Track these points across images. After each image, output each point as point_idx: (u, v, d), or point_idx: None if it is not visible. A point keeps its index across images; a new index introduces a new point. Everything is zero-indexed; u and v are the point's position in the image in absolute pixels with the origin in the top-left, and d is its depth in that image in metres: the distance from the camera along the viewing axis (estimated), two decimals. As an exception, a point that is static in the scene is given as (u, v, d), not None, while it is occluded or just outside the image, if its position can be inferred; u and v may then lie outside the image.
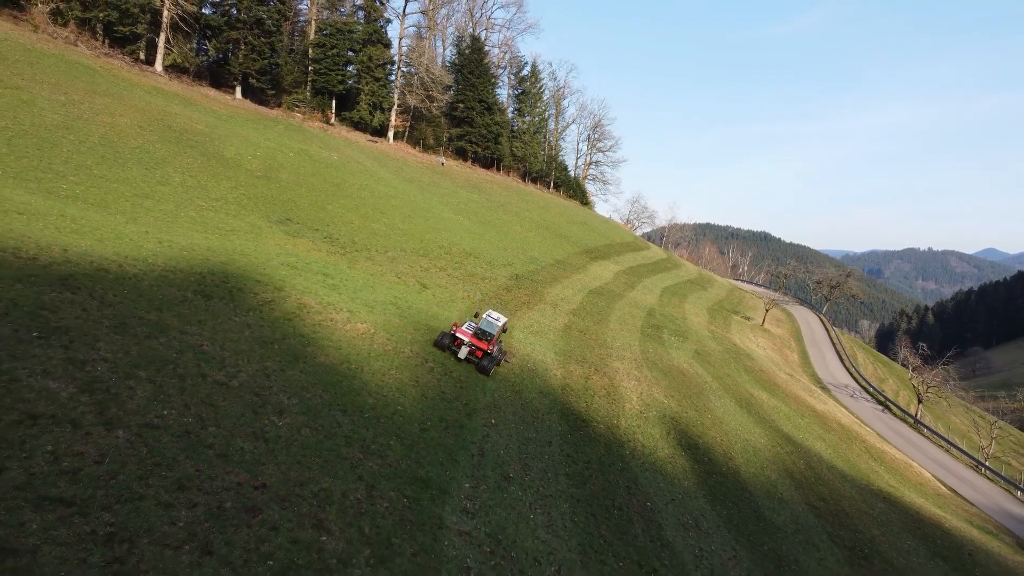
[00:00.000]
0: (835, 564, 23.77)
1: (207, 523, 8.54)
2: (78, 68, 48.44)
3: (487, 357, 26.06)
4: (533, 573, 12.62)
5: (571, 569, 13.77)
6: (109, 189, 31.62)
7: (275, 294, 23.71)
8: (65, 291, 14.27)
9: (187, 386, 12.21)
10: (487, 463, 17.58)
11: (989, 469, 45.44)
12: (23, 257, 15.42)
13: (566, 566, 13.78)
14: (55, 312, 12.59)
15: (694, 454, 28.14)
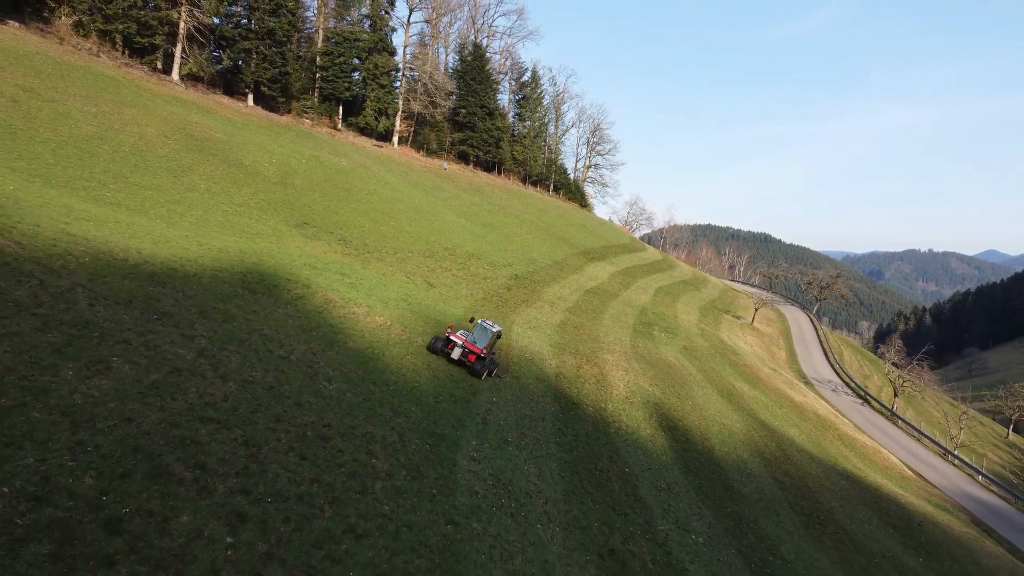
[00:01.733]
0: (791, 526, 27.79)
1: (299, 442, 12.56)
2: (104, 80, 52.49)
3: (480, 361, 27.19)
4: (525, 502, 16.66)
5: (556, 504, 17.83)
6: (145, 196, 35.60)
7: (304, 291, 27.73)
8: (156, 286, 18.32)
9: (261, 357, 16.25)
10: (489, 429, 21.62)
11: (955, 456, 49.50)
12: (118, 258, 19.45)
13: (552, 501, 17.84)
14: (158, 301, 16.62)
15: (673, 434, 32.15)
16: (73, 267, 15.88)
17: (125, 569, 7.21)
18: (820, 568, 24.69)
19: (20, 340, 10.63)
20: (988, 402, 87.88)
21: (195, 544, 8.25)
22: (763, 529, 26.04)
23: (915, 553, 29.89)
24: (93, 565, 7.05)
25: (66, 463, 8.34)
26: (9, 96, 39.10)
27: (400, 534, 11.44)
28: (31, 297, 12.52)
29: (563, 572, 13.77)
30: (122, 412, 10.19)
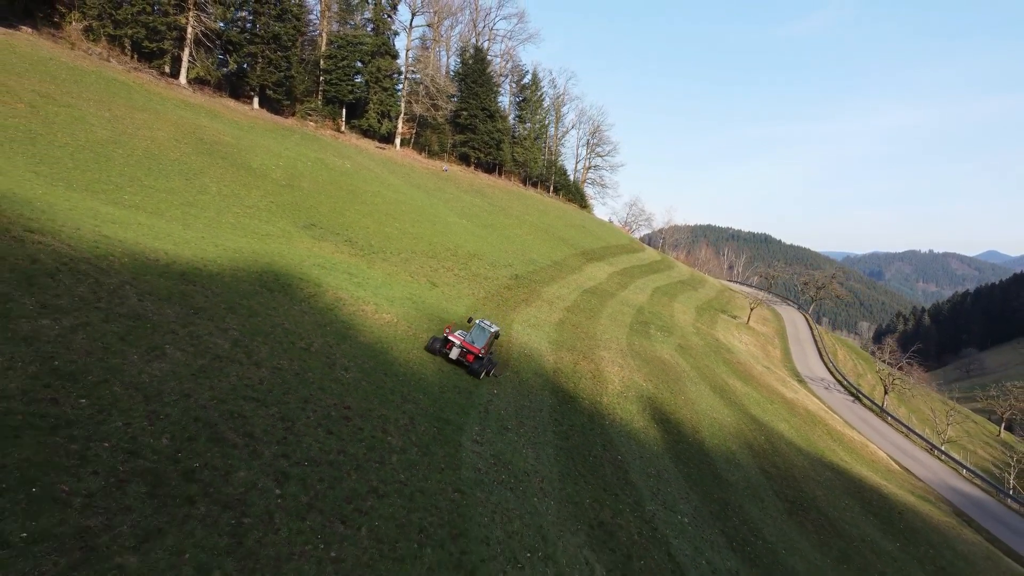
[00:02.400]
0: (775, 512, 29.71)
1: (325, 420, 14.50)
2: (115, 84, 54.45)
3: (478, 361, 27.83)
4: (523, 479, 18.59)
5: (551, 482, 19.76)
6: (160, 199, 37.50)
7: (315, 289, 29.66)
8: (187, 284, 20.25)
9: (285, 348, 18.19)
10: (491, 417, 23.55)
11: (941, 451, 51.43)
12: (150, 259, 21.37)
13: (547, 480, 19.78)
14: (192, 298, 18.54)
15: (665, 427, 34.08)
16: (117, 267, 17.79)
17: (203, 507, 9.13)
18: (800, 550, 26.60)
19: (92, 329, 12.55)
20: (981, 402, 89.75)
21: (252, 493, 10.18)
22: (747, 513, 27.95)
23: (893, 539, 31.81)
24: (178, 502, 8.97)
25: (146, 427, 10.26)
26: (27, 102, 40.98)
27: (415, 497, 13.38)
28: (91, 293, 14.46)
29: (556, 536, 15.71)
30: (181, 389, 12.12)
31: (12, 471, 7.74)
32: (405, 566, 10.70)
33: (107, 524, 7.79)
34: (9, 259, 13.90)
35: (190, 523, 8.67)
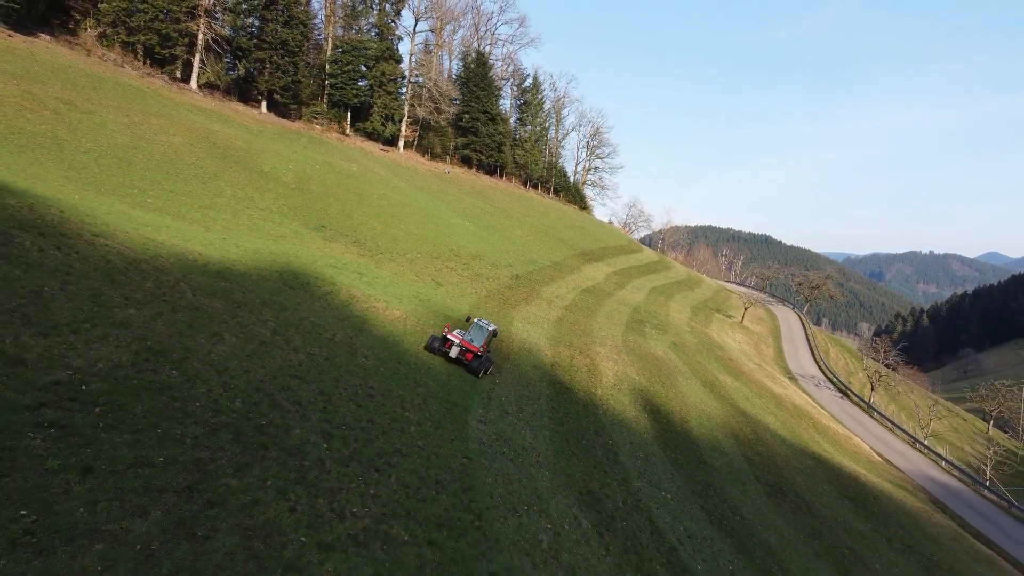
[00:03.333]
0: (755, 495, 32.54)
1: (354, 396, 17.37)
2: (131, 91, 57.33)
3: (477, 359, 28.83)
4: (522, 453, 21.45)
5: (546, 457, 22.64)
6: (180, 202, 40.32)
7: (330, 287, 32.50)
8: (224, 281, 23.10)
9: (314, 338, 21.06)
10: (493, 403, 26.40)
11: (923, 444, 54.27)
12: (190, 259, 24.23)
13: (543, 455, 22.65)
14: (231, 294, 21.39)
15: (655, 416, 36.92)
16: (168, 266, 20.62)
17: (273, 452, 11.99)
18: (776, 526, 29.43)
19: (166, 317, 15.41)
20: (972, 402, 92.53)
21: (306, 445, 13.04)
22: (728, 494, 30.79)
23: (865, 520, 34.64)
24: (255, 447, 11.82)
25: (222, 393, 13.12)
26: (52, 109, 43.83)
27: (431, 459, 16.25)
28: (156, 288, 17.31)
29: (549, 497, 18.57)
30: (241, 367, 14.99)
31: (141, 418, 10.59)
32: (426, 505, 13.57)
33: (211, 457, 10.65)
34: (91, 260, 16.76)
35: (266, 462, 11.53)
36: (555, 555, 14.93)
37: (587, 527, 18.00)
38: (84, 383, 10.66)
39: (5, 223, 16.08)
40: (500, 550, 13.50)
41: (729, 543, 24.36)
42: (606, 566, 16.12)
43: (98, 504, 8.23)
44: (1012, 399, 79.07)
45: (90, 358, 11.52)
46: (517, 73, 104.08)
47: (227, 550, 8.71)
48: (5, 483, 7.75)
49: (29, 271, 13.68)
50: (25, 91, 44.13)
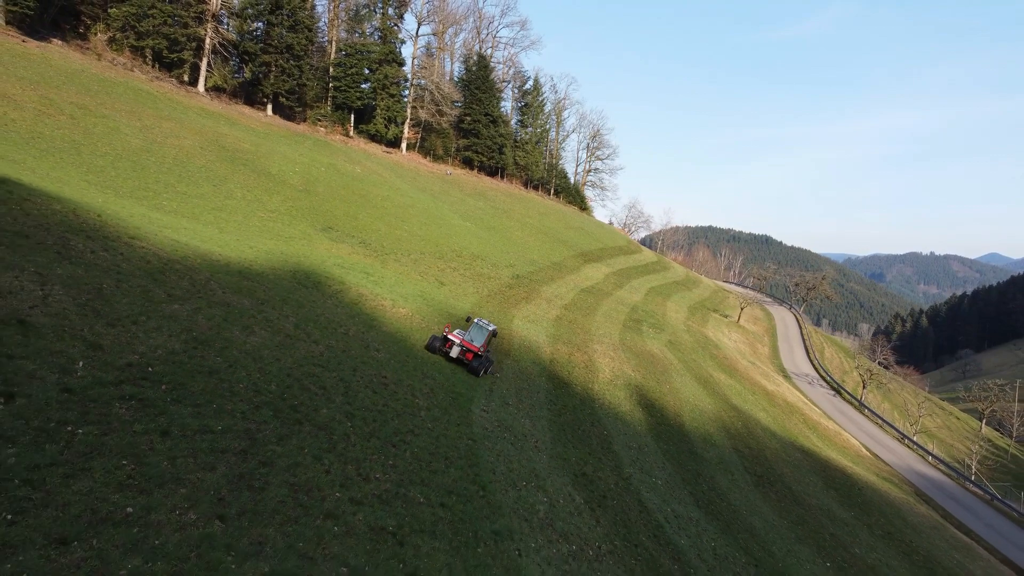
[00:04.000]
0: (743, 484, 34.54)
1: (370, 384, 19.39)
2: (142, 95, 59.38)
3: (477, 359, 29.60)
4: (521, 438, 23.48)
5: (544, 443, 24.66)
6: (194, 204, 42.29)
7: (340, 286, 34.50)
8: (246, 280, 25.12)
9: (331, 332, 23.08)
10: (495, 395, 28.41)
11: (911, 440, 56.29)
12: (213, 259, 26.25)
13: (541, 442, 24.67)
14: (254, 292, 23.41)
15: (649, 411, 38.91)
16: (197, 266, 22.63)
17: (307, 427, 14.02)
18: (761, 512, 31.43)
19: (204, 312, 17.43)
20: (968, 402, 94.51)
21: (333, 422, 15.07)
22: (717, 483, 32.79)
23: (848, 509, 36.65)
24: (291, 423, 13.84)
25: (259, 377, 15.15)
26: (68, 114, 45.87)
27: (440, 439, 18.28)
28: (192, 286, 19.33)
29: (546, 476, 20.60)
30: (272, 355, 17.02)
31: (199, 395, 12.62)
32: (437, 476, 15.59)
33: (257, 428, 12.67)
34: (133, 260, 18.78)
35: (302, 434, 13.56)
36: (550, 522, 16.96)
37: (580, 502, 20.03)
38: (149, 366, 12.67)
39: (59, 228, 18.09)
40: (502, 515, 15.52)
41: (714, 525, 26.37)
42: (596, 534, 18.15)
43: (177, 459, 10.25)
44: (1004, 398, 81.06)
45: (150, 345, 13.54)
46: (518, 76, 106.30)
47: (279, 499, 10.73)
48: (107, 439, 9.76)
49: (88, 271, 15.69)
50: (43, 96, 46.12)
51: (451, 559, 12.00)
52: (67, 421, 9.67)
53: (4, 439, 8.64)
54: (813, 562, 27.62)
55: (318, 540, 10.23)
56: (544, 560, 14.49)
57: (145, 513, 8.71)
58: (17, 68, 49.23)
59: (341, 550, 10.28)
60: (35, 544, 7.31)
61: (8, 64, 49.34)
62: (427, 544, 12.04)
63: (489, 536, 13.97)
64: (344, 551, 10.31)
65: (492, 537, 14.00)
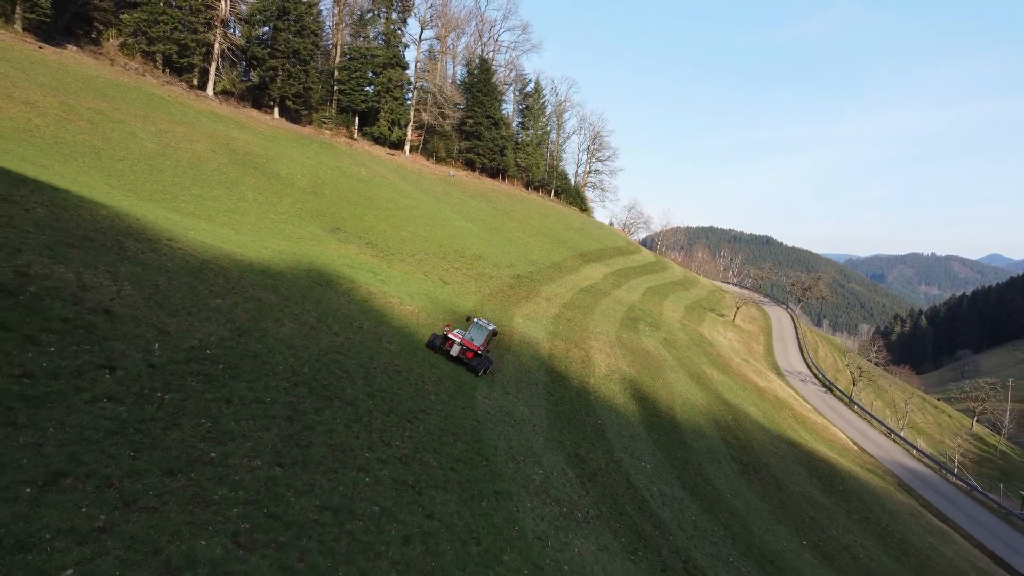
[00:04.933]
0: (729, 471, 37.12)
1: (386, 370, 22.01)
2: (155, 99, 62.06)
3: (477, 357, 30.49)
4: (520, 422, 26.09)
5: (541, 428, 27.28)
6: (208, 206, 44.85)
7: (351, 285, 37.06)
8: (269, 278, 27.73)
9: (348, 326, 25.69)
10: (496, 385, 31.02)
11: (897, 435, 58.86)
12: (237, 259, 28.85)
13: (539, 426, 27.28)
14: (278, 289, 26.02)
15: (643, 403, 41.48)
16: (226, 265, 25.24)
17: (337, 403, 16.63)
18: (744, 496, 34.00)
19: (241, 306, 20.06)
20: (962, 402, 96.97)
21: (357, 400, 17.69)
22: (704, 469, 35.38)
23: (829, 496, 39.25)
24: (323, 400, 16.46)
25: (294, 362, 17.78)
26: (87, 119, 48.48)
27: (448, 419, 20.91)
28: (226, 283, 21.95)
29: (542, 453, 23.22)
30: (302, 343, 19.66)
31: (248, 374, 15.25)
32: (447, 447, 18.23)
33: (298, 401, 15.30)
34: (176, 260, 21.41)
35: (333, 408, 16.18)
36: (544, 490, 19.57)
37: (572, 476, 22.65)
38: (207, 349, 15.29)
39: (112, 231, 20.71)
40: (502, 480, 18.13)
41: (698, 504, 28.96)
42: (585, 502, 20.76)
43: (240, 421, 12.86)
44: (996, 397, 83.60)
45: (205, 332, 16.15)
46: (519, 78, 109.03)
47: (321, 455, 13.35)
48: (187, 404, 12.37)
49: (144, 269, 18.31)
50: (62, 103, 48.69)
51: (460, 508, 14.62)
52: (156, 388, 12.28)
53: (115, 400, 11.25)
54: (790, 540, 30.20)
55: (354, 486, 12.85)
56: (538, 517, 17.11)
57: (224, 458, 11.33)
58: (37, 74, 51.79)
59: (372, 494, 12.91)
60: (152, 473, 9.90)
61: (28, 70, 51.89)
62: (440, 496, 14.68)
63: (491, 495, 16.60)
64: (375, 495, 12.94)
65: (494, 495, 16.64)
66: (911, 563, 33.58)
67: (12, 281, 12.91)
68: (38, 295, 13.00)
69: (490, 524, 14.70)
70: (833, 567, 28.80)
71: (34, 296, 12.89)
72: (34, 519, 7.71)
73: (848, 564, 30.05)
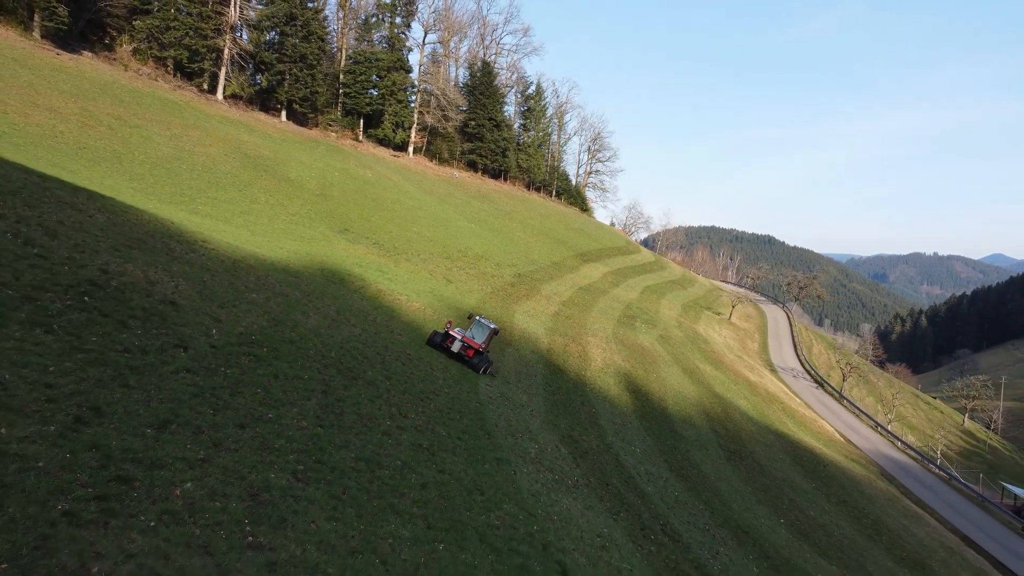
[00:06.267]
0: (716, 457, 40.06)
1: (399, 357, 25.02)
2: (169, 104, 65.07)
3: (478, 355, 31.17)
4: (519, 407, 29.10)
5: (538, 412, 30.30)
6: (224, 208, 47.79)
7: (361, 283, 40.03)
8: (289, 276, 30.73)
9: (363, 319, 28.70)
10: (497, 376, 33.97)
11: (884, 428, 61.77)
12: (260, 259, 31.82)
13: (536, 411, 30.30)
14: (299, 286, 29.01)
15: (636, 395, 44.42)
16: (253, 264, 28.23)
17: (361, 383, 19.62)
18: (728, 479, 36.94)
19: (273, 300, 23.06)
20: (955, 400, 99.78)
21: (378, 380, 20.71)
22: (692, 455, 38.33)
23: (811, 481, 42.19)
24: (348, 379, 19.46)
25: (323, 348, 20.79)
26: (107, 125, 51.47)
27: (455, 400, 23.92)
28: (256, 279, 24.96)
29: (539, 432, 26.23)
30: (327, 332, 22.66)
31: (288, 356, 18.26)
32: (454, 422, 21.24)
33: (329, 380, 18.31)
34: (213, 259, 24.43)
35: (358, 386, 19.19)
36: (539, 460, 22.58)
37: (565, 453, 25.65)
38: (252, 335, 18.30)
39: (158, 234, 23.73)
40: (502, 451, 21.14)
41: (682, 484, 31.92)
42: (575, 473, 23.77)
43: (287, 392, 15.86)
44: (986, 395, 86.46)
45: (248, 321, 19.16)
46: (521, 81, 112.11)
47: (352, 421, 16.36)
48: (244, 377, 15.38)
49: (191, 267, 21.32)
50: (83, 109, 51.70)
51: (467, 468, 17.63)
52: (219, 364, 15.29)
53: (192, 371, 14.26)
54: (768, 518, 33.16)
55: (380, 446, 15.87)
56: (532, 480, 20.10)
57: (278, 418, 14.34)
58: (57, 81, 54.83)
59: (395, 452, 15.93)
60: (228, 426, 12.89)
61: (49, 78, 54.94)
62: (450, 458, 17.70)
63: (493, 460, 19.61)
64: (397, 453, 15.96)
65: (495, 461, 19.65)
66: (883, 541, 36.53)
67: (99, 277, 15.90)
68: (120, 288, 15.99)
69: (491, 481, 17.70)
70: (807, 541, 31.75)
71: (116, 289, 15.88)
72: (158, 449, 10.69)
73: (822, 540, 33.01)
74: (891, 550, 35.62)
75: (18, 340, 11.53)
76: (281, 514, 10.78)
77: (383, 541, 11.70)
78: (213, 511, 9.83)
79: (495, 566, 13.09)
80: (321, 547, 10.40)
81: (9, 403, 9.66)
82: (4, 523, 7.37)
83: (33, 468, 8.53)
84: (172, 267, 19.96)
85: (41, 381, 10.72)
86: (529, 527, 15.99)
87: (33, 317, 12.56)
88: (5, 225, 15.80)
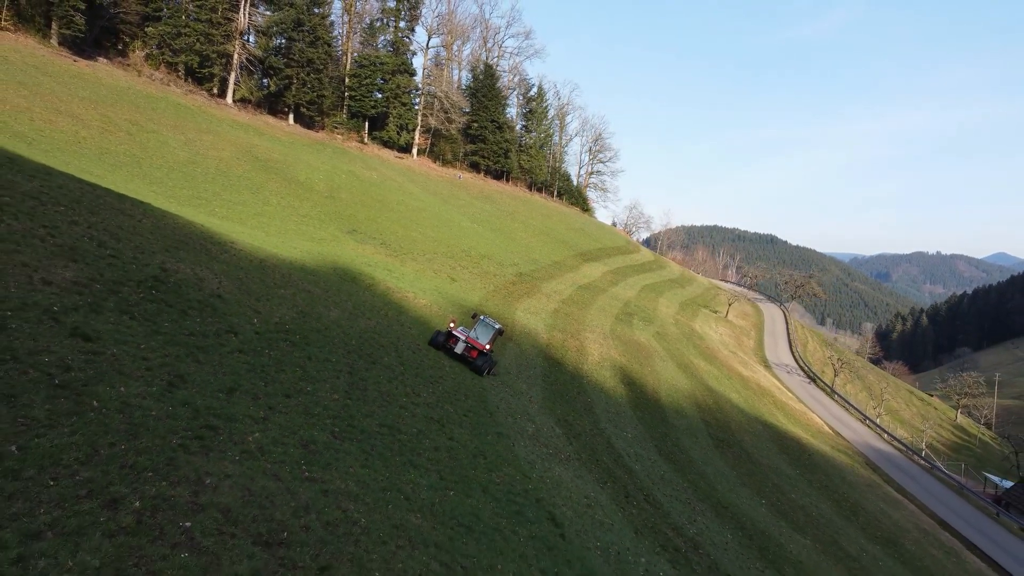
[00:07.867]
0: (705, 444, 43.06)
1: (412, 349, 28.09)
2: (182, 109, 68.24)
3: (482, 356, 31.23)
4: (519, 394, 32.14)
5: (536, 400, 33.35)
6: (239, 211, 50.80)
7: (371, 281, 43.07)
8: (307, 274, 33.79)
9: (376, 314, 31.76)
10: (499, 366, 36.96)
11: (871, 421, 64.69)
12: (280, 258, 34.87)
13: (534, 399, 33.35)
14: (317, 283, 32.07)
15: (631, 387, 47.45)
16: (276, 263, 31.28)
17: (379, 367, 22.69)
18: (715, 464, 39.94)
19: (299, 296, 26.14)
20: (950, 398, 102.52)
21: (393, 365, 23.79)
22: (681, 442, 41.35)
23: (795, 468, 45.16)
24: (370, 362, 22.53)
25: (345, 337, 23.84)
26: (125, 130, 54.59)
27: (460, 385, 27.00)
28: (281, 278, 28.03)
29: (536, 415, 29.29)
30: (348, 324, 25.73)
31: (317, 343, 21.35)
32: (460, 402, 24.32)
33: (353, 363, 21.38)
34: (243, 259, 27.51)
35: (377, 369, 22.26)
36: (535, 437, 25.65)
37: (559, 433, 28.73)
38: (286, 325, 21.38)
39: (194, 237, 26.81)
40: (502, 427, 24.22)
41: (670, 466, 34.95)
42: (568, 450, 26.83)
43: (320, 371, 18.94)
44: (978, 392, 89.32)
45: (281, 314, 22.25)
46: (523, 83, 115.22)
47: (375, 396, 19.44)
48: (284, 358, 18.47)
49: (227, 267, 24.41)
50: (102, 115, 54.85)
51: (472, 438, 20.72)
52: (263, 348, 18.38)
53: (243, 352, 17.34)
54: (750, 499, 36.16)
55: (398, 416, 18.95)
56: (529, 452, 23.18)
57: (315, 392, 17.43)
58: (77, 88, 58.05)
59: (412, 422, 19.04)
60: (277, 396, 15.97)
61: (68, 84, 58.17)
62: (457, 430, 20.80)
63: (494, 434, 22.71)
64: (413, 422, 19.07)
65: (496, 435, 22.74)
66: (859, 522, 39.52)
67: (160, 275, 18.99)
68: (177, 284, 19.08)
69: (493, 450, 20.79)
70: (785, 519, 34.76)
71: (175, 284, 18.96)
72: (230, 408, 13.77)
73: (800, 518, 36.02)
74: (866, 529, 38.61)
75: (114, 324, 14.60)
76: (327, 460, 13.85)
77: (405, 485, 14.78)
78: (277, 454, 12.90)
79: (496, 510, 16.15)
80: (359, 484, 13.48)
81: (121, 369, 12.74)
82: (143, 448, 10.43)
83: (151, 416, 11.61)
84: (213, 266, 23.03)
85: (138, 355, 13.79)
86: (525, 485, 19.06)
87: (120, 306, 15.64)
88: (81, 231, 18.88)
